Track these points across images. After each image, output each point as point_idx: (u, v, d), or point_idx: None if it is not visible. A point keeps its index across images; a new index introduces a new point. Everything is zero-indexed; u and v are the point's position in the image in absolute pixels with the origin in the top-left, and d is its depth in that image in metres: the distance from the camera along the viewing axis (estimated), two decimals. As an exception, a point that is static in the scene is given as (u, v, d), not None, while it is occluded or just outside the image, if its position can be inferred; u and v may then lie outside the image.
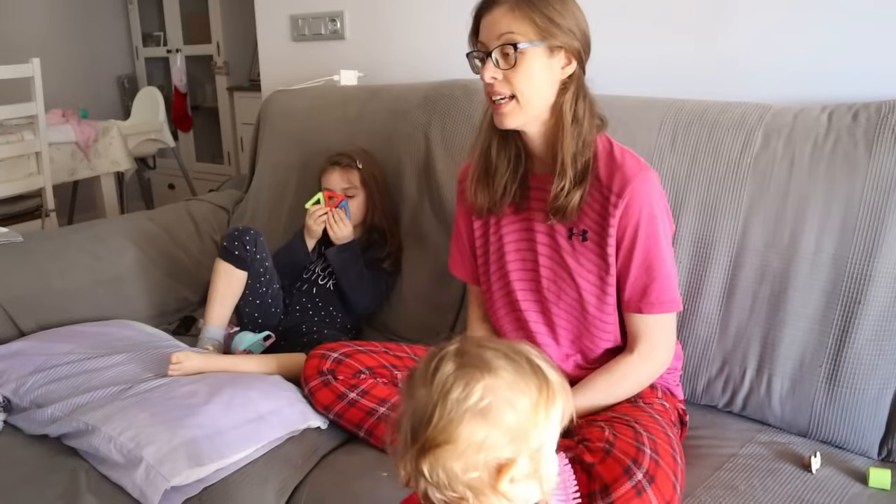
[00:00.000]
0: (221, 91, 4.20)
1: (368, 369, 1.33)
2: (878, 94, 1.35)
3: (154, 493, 1.11)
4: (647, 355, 1.22)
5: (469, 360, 0.72)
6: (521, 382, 0.71)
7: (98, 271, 1.83)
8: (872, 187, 1.23)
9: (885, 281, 1.22)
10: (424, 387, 0.72)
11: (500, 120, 1.18)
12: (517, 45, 1.12)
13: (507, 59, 1.14)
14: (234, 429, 1.24)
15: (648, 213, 1.16)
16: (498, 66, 1.14)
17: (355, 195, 1.78)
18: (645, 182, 1.16)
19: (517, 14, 1.13)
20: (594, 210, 1.20)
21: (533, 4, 1.13)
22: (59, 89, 3.67)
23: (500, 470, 0.70)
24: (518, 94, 1.15)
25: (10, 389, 1.39)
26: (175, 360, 1.41)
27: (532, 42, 1.13)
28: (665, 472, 1.03)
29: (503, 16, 1.14)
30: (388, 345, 1.44)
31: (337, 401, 1.30)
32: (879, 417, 1.24)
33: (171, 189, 4.46)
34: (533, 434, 0.71)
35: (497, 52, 1.14)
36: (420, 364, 0.75)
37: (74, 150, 3.28)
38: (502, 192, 1.26)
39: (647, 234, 1.17)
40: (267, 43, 2.48)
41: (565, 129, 1.17)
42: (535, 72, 1.14)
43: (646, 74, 1.67)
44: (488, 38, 1.15)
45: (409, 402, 0.73)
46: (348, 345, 1.39)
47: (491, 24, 1.15)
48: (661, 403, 1.24)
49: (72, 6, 4.35)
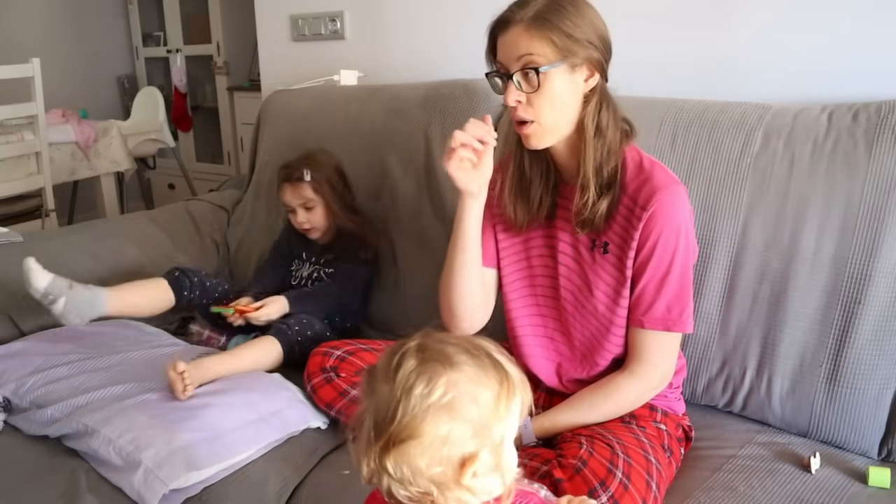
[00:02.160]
0: (221, 91, 4.20)
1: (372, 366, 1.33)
2: (878, 94, 1.35)
3: (152, 496, 1.11)
4: (639, 374, 1.19)
5: (431, 356, 0.72)
6: (482, 376, 0.72)
7: (98, 271, 1.83)
8: (872, 187, 1.23)
9: (885, 281, 1.22)
10: (387, 383, 0.72)
11: (527, 142, 1.16)
12: (538, 69, 1.09)
13: (530, 82, 1.10)
14: (234, 431, 1.24)
15: (672, 227, 1.13)
16: (520, 88, 1.11)
17: (314, 206, 1.74)
18: (672, 195, 1.12)
19: (534, 34, 1.09)
20: (618, 223, 1.17)
21: (549, 22, 1.08)
22: (59, 89, 3.67)
23: (464, 464, 0.70)
24: (541, 118, 1.12)
25: (10, 390, 1.39)
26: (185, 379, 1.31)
27: (553, 64, 1.09)
28: (632, 497, 1.02)
29: (519, 36, 1.09)
30: (390, 343, 1.44)
31: (339, 398, 1.30)
32: (879, 417, 1.24)
33: (171, 189, 4.46)
34: (495, 427, 0.72)
35: (518, 75, 1.10)
36: (381, 360, 0.76)
37: (74, 150, 3.28)
38: (538, 205, 1.24)
39: (665, 247, 1.13)
40: (267, 43, 2.48)
41: (587, 142, 1.14)
42: (558, 93, 1.11)
43: (646, 74, 1.67)
44: (507, 59, 1.11)
45: (371, 398, 0.73)
46: (351, 343, 1.40)
47: (509, 45, 1.11)
48: (656, 427, 1.21)
49: (72, 6, 4.35)
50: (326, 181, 1.74)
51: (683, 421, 1.28)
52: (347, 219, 1.76)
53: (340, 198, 1.76)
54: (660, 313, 1.16)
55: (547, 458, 1.09)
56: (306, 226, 1.76)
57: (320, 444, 1.30)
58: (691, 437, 1.29)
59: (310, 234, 1.78)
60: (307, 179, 1.72)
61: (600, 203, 1.15)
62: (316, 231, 1.77)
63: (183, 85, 4.37)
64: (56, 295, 1.47)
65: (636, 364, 1.19)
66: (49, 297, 1.47)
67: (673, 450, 1.20)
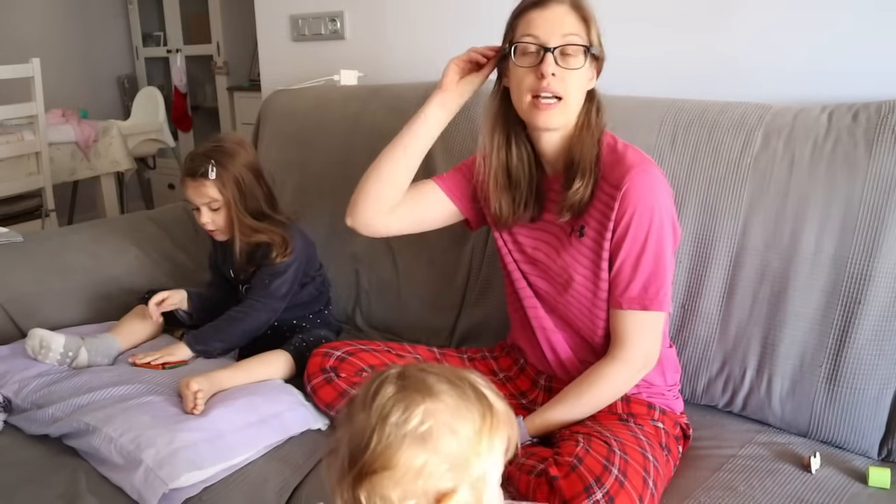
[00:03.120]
0: (221, 91, 4.20)
1: (371, 368, 1.33)
2: (878, 94, 1.35)
3: (152, 496, 1.11)
4: (621, 358, 1.19)
5: (410, 384, 0.69)
6: (463, 408, 0.69)
7: (98, 271, 1.83)
8: (872, 187, 1.23)
9: (885, 281, 1.22)
10: (364, 411, 0.69)
11: (546, 118, 1.17)
12: (588, 48, 1.15)
13: (567, 60, 1.14)
14: (235, 431, 1.24)
15: (645, 205, 1.14)
16: (557, 63, 1.14)
17: (219, 207, 1.53)
18: (643, 173, 1.15)
19: (578, 16, 1.15)
20: (595, 207, 1.20)
21: (589, 10, 1.17)
22: (59, 89, 3.67)
23: (440, 500, 0.67)
24: (566, 96, 1.15)
25: (11, 390, 1.39)
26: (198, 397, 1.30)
27: (593, 47, 1.16)
28: (629, 494, 1.01)
29: (567, 14, 1.15)
30: (391, 344, 1.45)
31: (339, 398, 1.30)
32: (879, 417, 1.24)
33: (171, 189, 4.46)
34: (475, 463, 0.68)
35: (559, 50, 1.14)
36: (361, 388, 0.73)
37: (74, 150, 3.28)
38: (524, 204, 1.27)
39: (639, 225, 1.15)
40: (267, 43, 2.48)
41: (584, 136, 1.19)
42: (584, 77, 1.17)
43: (646, 74, 1.67)
44: (549, 32, 1.14)
45: (348, 426, 0.70)
46: (351, 343, 1.40)
47: (553, 20, 1.14)
48: (654, 425, 1.21)
49: (72, 6, 4.35)
50: (234, 179, 1.52)
51: (681, 419, 1.28)
52: (250, 230, 1.54)
53: (246, 202, 1.55)
54: (636, 292, 1.17)
55: (544, 457, 1.09)
56: (210, 227, 1.57)
57: (320, 445, 1.30)
58: (689, 436, 1.29)
59: (215, 235, 1.61)
60: (211, 177, 1.50)
61: (586, 189, 1.18)
62: (221, 234, 1.59)
63: (183, 85, 4.37)
64: (75, 348, 1.48)
65: (618, 348, 1.19)
66: (70, 354, 1.48)
67: (671, 448, 1.20)
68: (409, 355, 1.41)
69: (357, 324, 1.85)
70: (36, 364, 1.45)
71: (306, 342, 1.50)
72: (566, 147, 1.21)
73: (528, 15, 1.17)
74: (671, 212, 1.19)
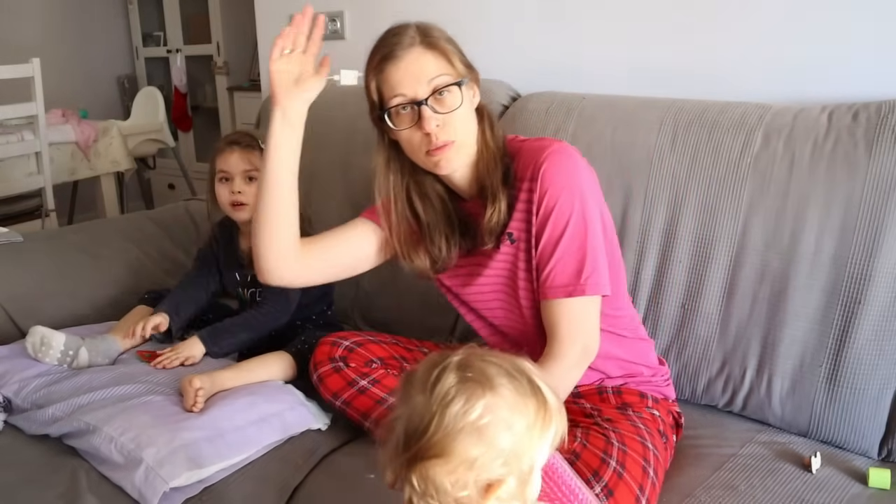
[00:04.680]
0: (221, 91, 4.20)
1: (380, 359, 1.32)
2: (878, 94, 1.35)
3: (153, 495, 1.11)
4: (554, 354, 1.10)
5: (472, 375, 0.70)
6: (520, 403, 0.70)
7: (98, 271, 1.83)
8: (872, 187, 1.23)
9: (885, 281, 1.22)
10: (423, 394, 0.70)
11: (447, 163, 1.12)
12: (460, 83, 1.10)
13: (443, 104, 1.09)
14: (235, 431, 1.24)
15: (563, 184, 1.10)
16: (435, 111, 1.09)
17: (257, 178, 1.48)
18: (552, 154, 1.11)
19: (436, 53, 1.11)
20: (513, 208, 1.16)
21: (443, 41, 1.12)
22: (59, 89, 3.67)
23: (488, 489, 0.69)
24: (457, 138, 1.11)
25: (11, 390, 1.39)
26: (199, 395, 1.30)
27: (462, 80, 1.11)
28: (628, 485, 1.02)
29: (423, 58, 1.10)
30: (398, 337, 1.43)
31: (347, 387, 1.27)
32: (879, 417, 1.24)
33: (171, 189, 4.46)
34: (525, 456, 0.70)
35: (432, 99, 1.09)
36: (420, 369, 0.74)
37: (74, 150, 3.28)
38: (447, 248, 1.21)
39: (561, 210, 1.10)
40: (267, 43, 2.48)
41: (488, 158, 1.15)
42: (466, 110, 1.12)
43: (645, 74, 1.67)
44: (414, 86, 1.09)
45: (405, 406, 0.72)
46: (359, 334, 1.39)
47: (412, 70, 1.09)
48: (650, 412, 1.21)
49: (72, 6, 4.35)
50: None
51: (673, 407, 1.28)
52: None
53: None
54: (564, 279, 1.11)
55: None
56: (241, 198, 1.57)
57: (320, 445, 1.30)
58: (681, 424, 1.29)
59: (238, 211, 1.59)
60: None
61: (501, 212, 1.14)
62: (246, 209, 1.57)
63: (183, 85, 4.37)
64: (76, 348, 1.48)
65: (549, 343, 1.12)
66: (70, 353, 1.47)
67: (668, 435, 1.21)
68: (417, 349, 1.40)
69: (357, 324, 1.85)
70: (36, 364, 1.45)
71: (308, 344, 1.50)
72: (474, 173, 1.18)
73: (384, 73, 1.12)
74: (595, 191, 1.15)
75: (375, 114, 1.16)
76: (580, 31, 1.75)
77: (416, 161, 1.16)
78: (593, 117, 1.52)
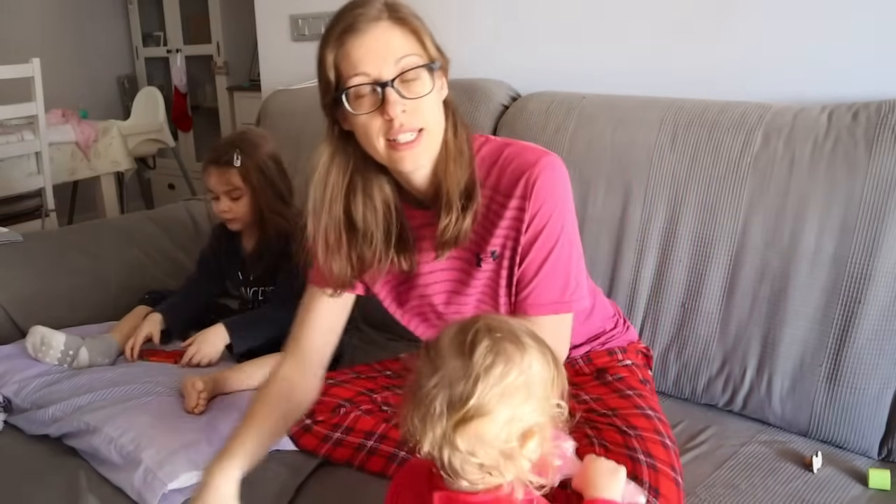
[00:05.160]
0: (221, 91, 4.20)
1: (347, 400, 1.25)
2: (878, 94, 1.35)
3: (152, 496, 1.11)
4: None
5: (503, 337, 0.76)
6: (542, 356, 0.78)
7: (98, 271, 1.83)
8: (872, 187, 1.23)
9: (885, 280, 1.22)
10: (460, 359, 0.75)
11: (413, 159, 0.98)
12: (432, 66, 0.96)
13: (411, 87, 0.95)
14: (235, 430, 1.23)
15: (553, 201, 1.01)
16: (402, 95, 0.94)
17: (240, 195, 1.56)
18: (546, 168, 1.01)
19: (405, 30, 0.96)
20: (496, 225, 1.04)
21: (413, 18, 0.97)
22: (59, 89, 3.67)
23: (526, 436, 0.75)
24: (426, 125, 0.97)
25: (11, 390, 1.39)
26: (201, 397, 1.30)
27: (433, 63, 0.97)
28: (664, 473, 1.01)
29: (389, 34, 0.94)
30: (358, 368, 1.38)
31: (321, 444, 1.22)
32: (879, 417, 1.24)
33: (171, 189, 4.46)
34: (550, 404, 0.77)
35: (398, 80, 0.94)
36: (446, 337, 0.77)
37: (74, 150, 3.28)
38: (376, 258, 1.07)
39: (552, 227, 1.02)
40: (267, 43, 2.48)
41: (450, 159, 1.01)
42: (434, 98, 0.98)
43: (645, 74, 1.67)
44: (378, 64, 0.94)
45: (440, 372, 0.75)
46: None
47: (376, 47, 0.94)
48: (624, 367, 1.20)
49: (72, 6, 4.35)
50: (258, 168, 1.55)
51: (639, 346, 1.30)
52: (275, 212, 1.56)
53: (270, 188, 1.57)
54: (547, 297, 1.03)
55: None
56: (228, 215, 1.58)
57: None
58: (651, 356, 1.32)
59: (231, 224, 1.61)
60: (236, 165, 1.53)
61: (465, 219, 1.02)
62: (237, 223, 1.60)
63: (183, 85, 4.37)
64: (76, 348, 1.48)
65: None
66: (70, 353, 1.47)
67: (647, 379, 1.22)
68: (380, 374, 1.35)
69: (358, 325, 1.85)
70: (36, 364, 1.45)
71: None
72: (433, 175, 1.04)
73: (344, 48, 0.95)
74: (572, 202, 1.07)
75: (329, 97, 1.00)
76: (580, 31, 1.75)
77: (371, 153, 1.00)
78: (593, 117, 1.52)
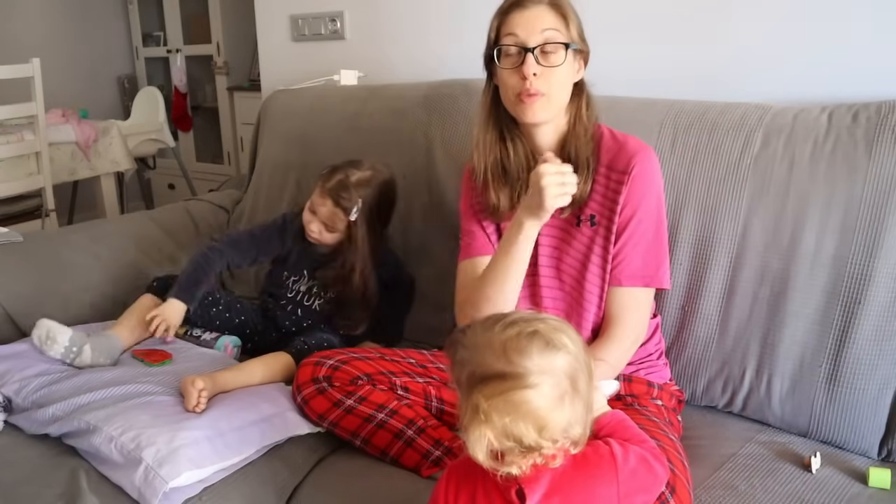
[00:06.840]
0: (221, 91, 4.20)
1: (367, 375, 1.29)
2: (878, 94, 1.35)
3: (152, 494, 1.11)
4: (614, 336, 1.22)
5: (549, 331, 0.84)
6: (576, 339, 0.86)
7: (98, 271, 1.83)
8: (872, 187, 1.23)
9: (885, 281, 1.22)
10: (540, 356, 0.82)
11: (533, 113, 1.19)
12: (568, 45, 1.17)
13: (548, 57, 1.17)
14: (235, 431, 1.23)
15: (652, 187, 1.21)
16: (538, 62, 1.17)
17: (335, 233, 1.61)
18: (649, 157, 1.22)
19: (557, 13, 1.18)
20: (599, 193, 1.24)
21: (568, 7, 1.20)
22: (59, 89, 3.67)
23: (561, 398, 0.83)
24: (549, 92, 1.18)
25: (12, 390, 1.38)
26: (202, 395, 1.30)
27: (572, 43, 1.18)
28: (680, 480, 1.02)
29: (545, 13, 1.18)
30: (383, 350, 1.43)
31: (332, 409, 1.26)
32: (879, 417, 1.24)
33: (171, 189, 4.46)
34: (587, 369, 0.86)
35: (539, 49, 1.17)
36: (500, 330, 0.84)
37: (74, 150, 3.28)
38: (520, 193, 1.27)
39: (648, 207, 1.21)
40: (267, 43, 2.48)
41: (579, 132, 1.23)
42: (566, 72, 1.19)
43: (646, 75, 1.67)
44: (527, 32, 1.17)
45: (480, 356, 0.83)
46: (344, 352, 1.35)
47: (532, 19, 1.17)
48: (654, 403, 1.24)
49: (72, 6, 4.35)
50: (367, 230, 1.58)
51: (673, 388, 1.32)
52: (361, 273, 1.58)
53: (368, 246, 1.59)
54: (639, 269, 1.22)
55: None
56: (314, 235, 1.63)
57: (320, 445, 1.30)
58: (683, 400, 1.34)
59: (310, 238, 1.65)
60: (352, 218, 1.56)
61: (586, 183, 1.22)
62: (318, 242, 1.65)
63: (183, 85, 4.37)
64: (80, 344, 1.48)
65: (611, 326, 1.23)
66: (74, 350, 1.47)
67: (672, 421, 1.24)
68: (403, 360, 1.38)
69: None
70: (37, 363, 1.45)
71: (308, 344, 1.50)
72: (561, 142, 1.25)
73: (508, 16, 1.20)
74: (663, 189, 1.27)
75: (488, 51, 1.24)
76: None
77: (505, 104, 1.24)
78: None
